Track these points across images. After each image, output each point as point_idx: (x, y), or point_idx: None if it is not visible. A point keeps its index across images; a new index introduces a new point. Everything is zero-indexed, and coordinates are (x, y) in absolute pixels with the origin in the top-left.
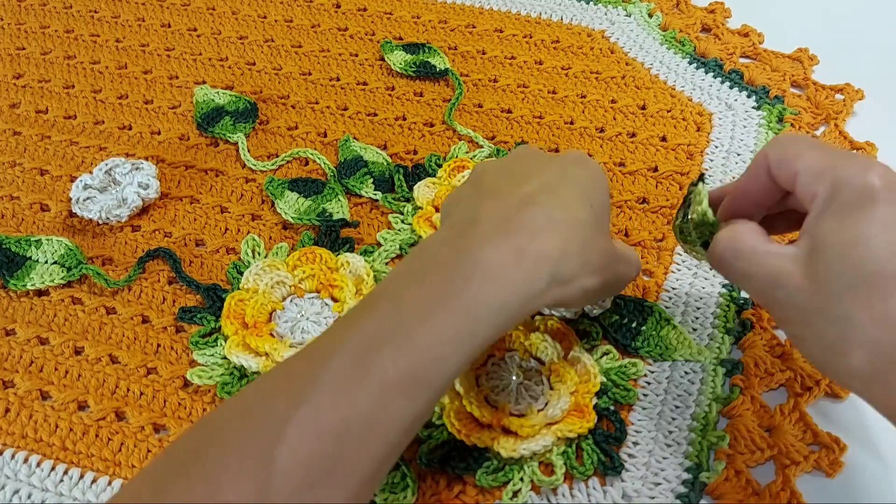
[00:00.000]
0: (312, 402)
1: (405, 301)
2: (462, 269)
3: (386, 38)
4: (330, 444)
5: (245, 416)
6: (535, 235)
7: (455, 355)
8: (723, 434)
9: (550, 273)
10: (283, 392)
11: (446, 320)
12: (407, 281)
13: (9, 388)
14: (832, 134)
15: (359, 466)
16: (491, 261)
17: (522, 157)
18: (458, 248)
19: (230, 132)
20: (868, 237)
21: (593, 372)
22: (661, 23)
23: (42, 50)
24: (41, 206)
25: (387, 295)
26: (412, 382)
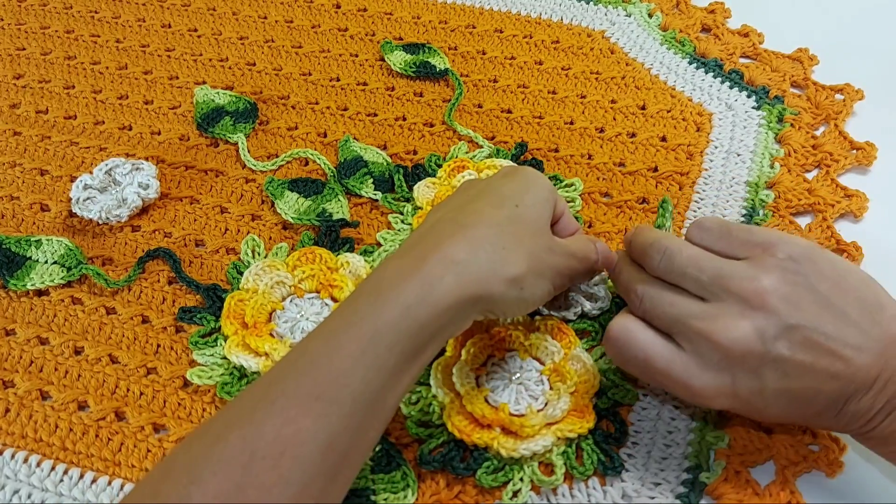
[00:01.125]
0: (223, 438)
1: (323, 325)
2: (368, 287)
3: (386, 39)
4: (237, 476)
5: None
6: (438, 243)
7: (360, 369)
8: (722, 434)
9: (456, 272)
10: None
11: (347, 335)
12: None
13: (9, 388)
14: (832, 134)
15: (273, 492)
16: (392, 273)
17: (461, 187)
18: (380, 268)
19: (230, 132)
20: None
21: (593, 372)
22: (661, 23)
23: (42, 50)
24: (41, 206)
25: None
26: (315, 401)
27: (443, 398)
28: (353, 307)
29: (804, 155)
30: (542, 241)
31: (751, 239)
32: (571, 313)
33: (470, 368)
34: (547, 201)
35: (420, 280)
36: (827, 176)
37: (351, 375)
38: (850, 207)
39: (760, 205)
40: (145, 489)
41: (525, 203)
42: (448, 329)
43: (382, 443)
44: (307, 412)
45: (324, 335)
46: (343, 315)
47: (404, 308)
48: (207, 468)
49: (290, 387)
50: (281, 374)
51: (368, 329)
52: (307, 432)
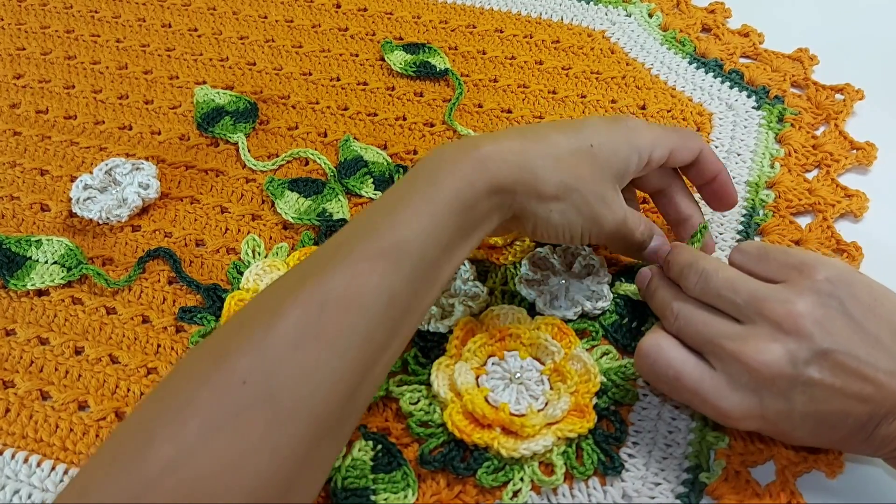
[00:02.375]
0: (302, 285)
1: (383, 199)
2: (428, 168)
3: (386, 38)
4: (314, 314)
5: (255, 305)
6: (497, 139)
7: (417, 238)
8: (722, 434)
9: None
10: (282, 284)
11: (407, 210)
12: (397, 182)
13: (9, 388)
14: (832, 134)
15: (343, 333)
16: (449, 157)
17: None
18: (442, 146)
19: (230, 132)
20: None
21: (593, 372)
22: (662, 23)
23: (42, 50)
24: (41, 206)
25: (379, 198)
26: (380, 260)
27: (443, 398)
28: (413, 185)
29: (804, 155)
30: (597, 187)
31: (787, 261)
32: (571, 313)
33: (470, 368)
34: (628, 158)
35: (470, 168)
36: (827, 176)
37: (410, 243)
38: (850, 207)
39: (760, 205)
40: (232, 322)
41: (601, 147)
42: (491, 217)
43: (382, 442)
44: (373, 269)
45: (386, 207)
46: (404, 190)
47: (456, 190)
48: (289, 305)
49: (356, 248)
50: (347, 237)
51: (426, 205)
52: (373, 286)
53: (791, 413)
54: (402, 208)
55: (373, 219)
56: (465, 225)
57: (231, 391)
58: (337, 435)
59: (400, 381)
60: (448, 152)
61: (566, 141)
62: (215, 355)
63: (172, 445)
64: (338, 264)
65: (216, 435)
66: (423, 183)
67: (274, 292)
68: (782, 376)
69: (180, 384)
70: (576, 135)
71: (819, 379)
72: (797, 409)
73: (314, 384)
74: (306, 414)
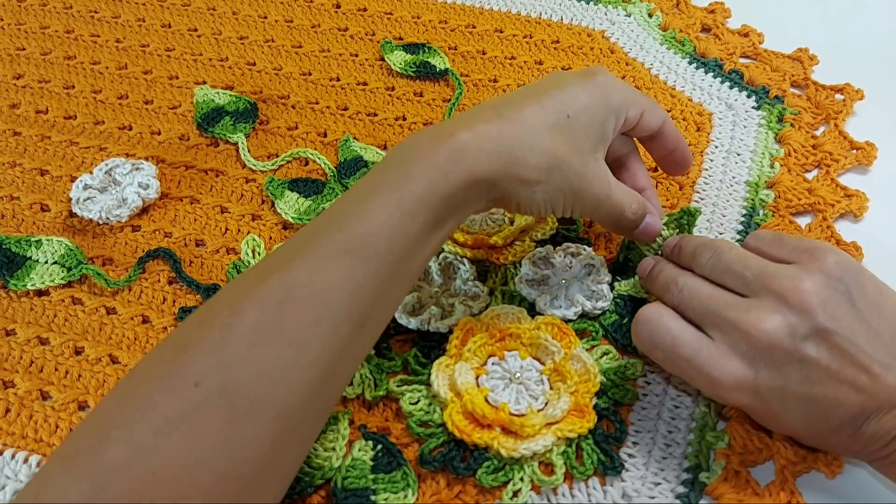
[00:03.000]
0: (263, 280)
1: (356, 188)
2: (400, 155)
3: (386, 38)
4: (273, 311)
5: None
6: (471, 125)
7: (385, 232)
8: (722, 434)
9: (475, 157)
10: (246, 279)
11: (377, 200)
12: (372, 169)
13: (9, 388)
14: (832, 134)
15: (304, 329)
16: (423, 146)
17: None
18: (414, 135)
19: (230, 132)
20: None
21: (593, 372)
22: (661, 23)
23: (42, 50)
24: (41, 206)
25: (350, 188)
26: (345, 255)
27: (443, 398)
28: (385, 174)
29: (804, 155)
30: (578, 161)
31: (801, 245)
32: (571, 313)
33: (470, 368)
34: (606, 121)
35: (444, 158)
36: (827, 176)
37: (377, 236)
38: (850, 207)
39: (760, 204)
40: (192, 319)
41: (578, 117)
42: (466, 206)
43: (382, 442)
44: (337, 264)
45: (355, 198)
46: (375, 180)
47: (429, 182)
48: (248, 303)
49: (323, 240)
50: (316, 229)
51: (395, 197)
52: (337, 281)
53: (784, 392)
54: (372, 200)
55: (341, 211)
56: (438, 216)
57: (184, 392)
58: (302, 432)
59: (400, 381)
60: (422, 141)
61: (542, 115)
62: (172, 355)
63: (125, 446)
64: (301, 259)
65: (169, 436)
66: (395, 174)
67: (235, 288)
68: (780, 348)
69: (136, 385)
70: (552, 105)
71: (815, 357)
72: (791, 389)
73: (273, 382)
74: (265, 413)
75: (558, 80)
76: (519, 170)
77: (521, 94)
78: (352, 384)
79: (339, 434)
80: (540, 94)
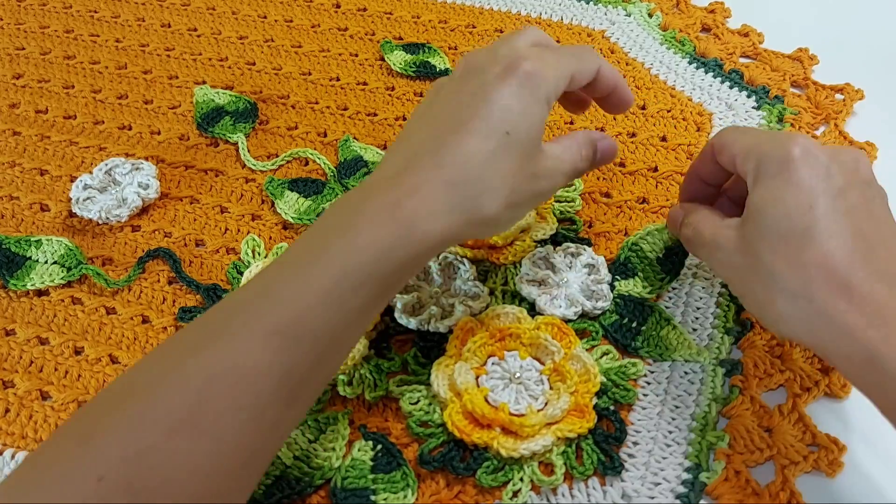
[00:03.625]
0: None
1: (287, 259)
2: (343, 222)
3: (386, 38)
4: (191, 397)
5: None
6: (415, 186)
7: (323, 309)
8: (722, 434)
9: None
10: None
11: (314, 272)
12: (301, 238)
13: (9, 388)
14: (832, 134)
15: (225, 415)
16: (368, 213)
17: (439, 92)
18: (348, 204)
19: (230, 132)
20: (784, 198)
21: (593, 372)
22: (661, 23)
23: (42, 50)
24: (41, 206)
25: (282, 255)
26: (275, 336)
27: (443, 398)
28: (324, 241)
29: None
30: (528, 167)
31: None
32: (571, 313)
33: (470, 368)
34: (542, 114)
35: (394, 230)
36: None
37: (313, 314)
38: None
39: None
40: (101, 400)
41: (518, 129)
42: (418, 268)
43: (382, 442)
44: (265, 346)
45: (292, 267)
46: (313, 247)
47: (377, 254)
48: (162, 388)
49: (251, 318)
50: (244, 303)
51: (337, 270)
52: (264, 364)
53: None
54: (309, 272)
55: (272, 282)
56: (385, 287)
57: (85, 487)
58: None
59: (400, 381)
60: (367, 212)
61: (483, 144)
62: (75, 443)
63: None
64: (226, 338)
65: None
66: (337, 244)
67: (155, 364)
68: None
69: (35, 475)
70: (486, 128)
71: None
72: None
73: (187, 477)
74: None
75: (481, 87)
76: (476, 219)
77: (448, 121)
78: (351, 384)
79: (338, 434)
80: (468, 115)
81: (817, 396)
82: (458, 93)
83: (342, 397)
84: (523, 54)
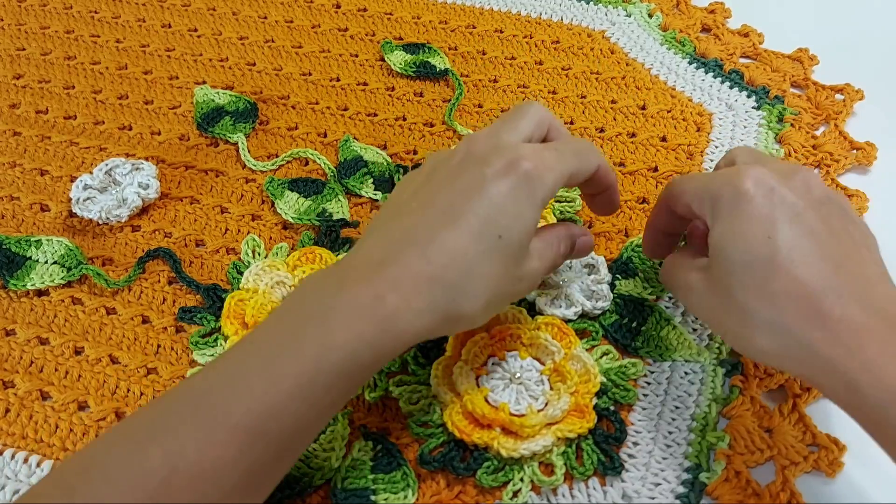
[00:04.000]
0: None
1: (257, 343)
2: (319, 311)
3: (386, 39)
4: (154, 488)
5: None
6: (399, 282)
7: (294, 405)
8: (722, 434)
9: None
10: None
11: (287, 367)
12: (272, 320)
13: (9, 388)
14: (832, 134)
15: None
16: (347, 306)
17: (435, 171)
18: (325, 288)
19: (230, 132)
20: (742, 232)
21: (593, 372)
22: (661, 23)
23: (42, 50)
24: (41, 206)
25: (252, 336)
26: (245, 431)
27: (443, 398)
28: (298, 331)
29: (804, 155)
30: (513, 271)
31: None
32: (571, 313)
33: (470, 368)
34: (535, 219)
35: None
36: (827, 176)
37: (283, 410)
38: None
39: None
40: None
41: (511, 233)
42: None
43: (382, 442)
44: (231, 440)
45: (262, 355)
46: (285, 335)
47: (352, 352)
48: (123, 476)
49: (218, 410)
50: (210, 391)
51: (311, 366)
52: (229, 459)
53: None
54: (282, 365)
55: (243, 370)
56: (356, 381)
57: None
58: None
59: (400, 381)
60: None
61: (472, 245)
62: None
63: None
64: (191, 429)
65: None
66: (311, 341)
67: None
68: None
69: None
70: (478, 227)
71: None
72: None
73: None
74: None
75: (479, 182)
76: (453, 318)
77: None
78: None
79: (338, 434)
80: (461, 208)
81: (817, 396)
82: (454, 180)
83: None
84: (525, 153)
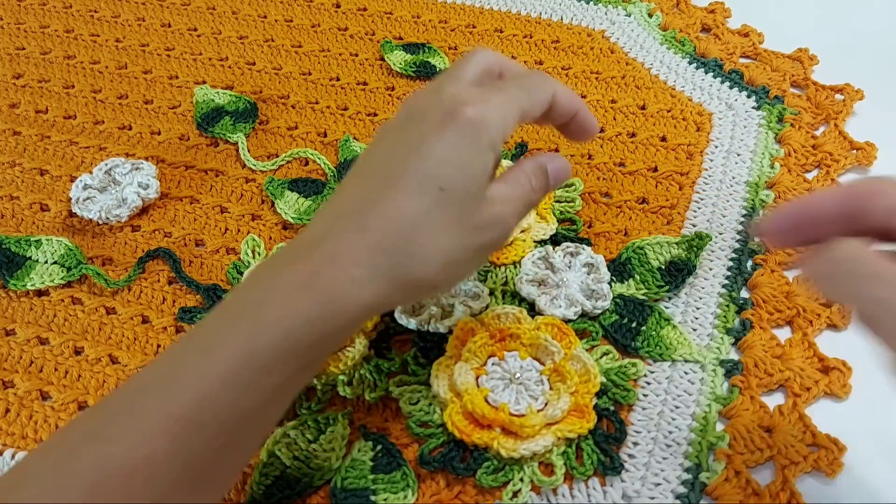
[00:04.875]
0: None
1: (197, 335)
2: (255, 297)
3: (386, 38)
4: (84, 491)
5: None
6: (337, 255)
7: (230, 392)
8: (722, 434)
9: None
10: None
11: (219, 353)
12: (213, 311)
13: (9, 388)
14: (832, 134)
15: None
16: (281, 286)
17: (378, 139)
18: (264, 273)
19: (230, 132)
20: None
21: (593, 372)
22: (661, 23)
23: (42, 50)
24: (41, 206)
25: (193, 329)
26: (175, 423)
27: (443, 398)
28: (233, 318)
29: (804, 155)
30: (469, 221)
31: None
32: (571, 313)
33: (470, 368)
34: (484, 164)
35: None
36: (827, 176)
37: (217, 397)
38: None
39: (760, 205)
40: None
41: (455, 183)
42: (345, 337)
43: (382, 443)
44: (164, 433)
45: (198, 345)
46: (221, 325)
47: (287, 331)
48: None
49: (151, 404)
50: (146, 387)
51: (242, 350)
52: (162, 454)
53: None
54: (214, 352)
55: (174, 364)
56: (305, 364)
57: None
58: None
59: (400, 381)
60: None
61: (414, 203)
62: None
63: None
64: (121, 427)
65: None
66: (245, 321)
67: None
68: None
69: None
70: (417, 184)
71: None
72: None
73: None
74: None
75: (417, 138)
76: (408, 284)
77: (379, 176)
78: (351, 385)
79: (338, 434)
80: (398, 169)
81: (817, 396)
82: (394, 143)
83: (342, 397)
84: (465, 98)
